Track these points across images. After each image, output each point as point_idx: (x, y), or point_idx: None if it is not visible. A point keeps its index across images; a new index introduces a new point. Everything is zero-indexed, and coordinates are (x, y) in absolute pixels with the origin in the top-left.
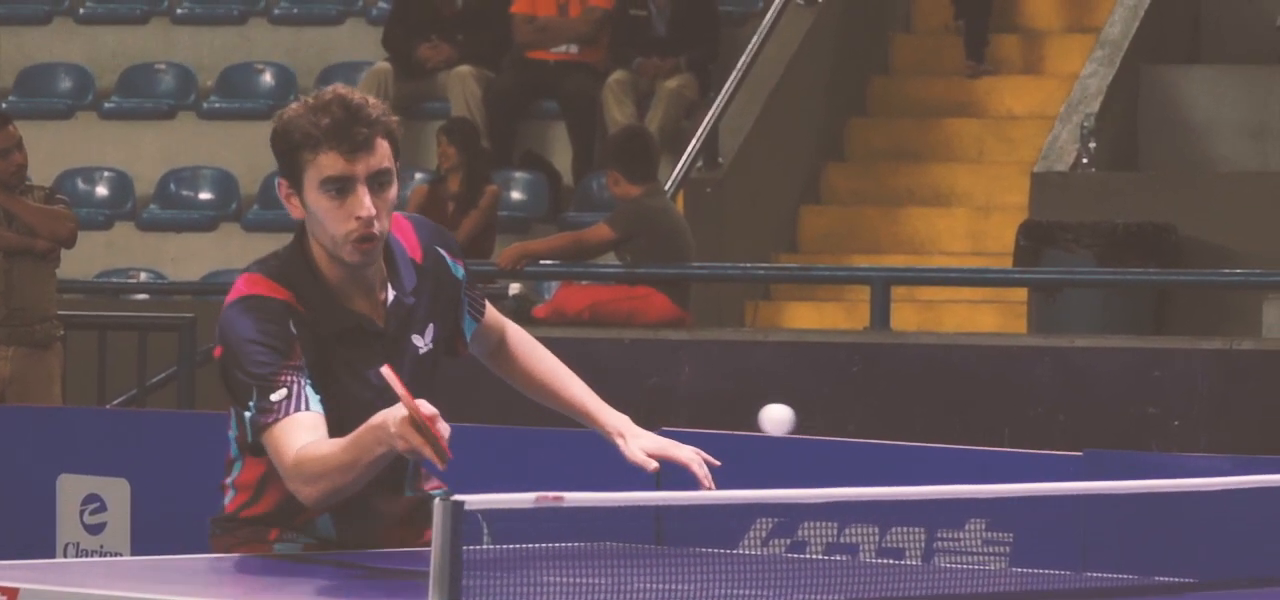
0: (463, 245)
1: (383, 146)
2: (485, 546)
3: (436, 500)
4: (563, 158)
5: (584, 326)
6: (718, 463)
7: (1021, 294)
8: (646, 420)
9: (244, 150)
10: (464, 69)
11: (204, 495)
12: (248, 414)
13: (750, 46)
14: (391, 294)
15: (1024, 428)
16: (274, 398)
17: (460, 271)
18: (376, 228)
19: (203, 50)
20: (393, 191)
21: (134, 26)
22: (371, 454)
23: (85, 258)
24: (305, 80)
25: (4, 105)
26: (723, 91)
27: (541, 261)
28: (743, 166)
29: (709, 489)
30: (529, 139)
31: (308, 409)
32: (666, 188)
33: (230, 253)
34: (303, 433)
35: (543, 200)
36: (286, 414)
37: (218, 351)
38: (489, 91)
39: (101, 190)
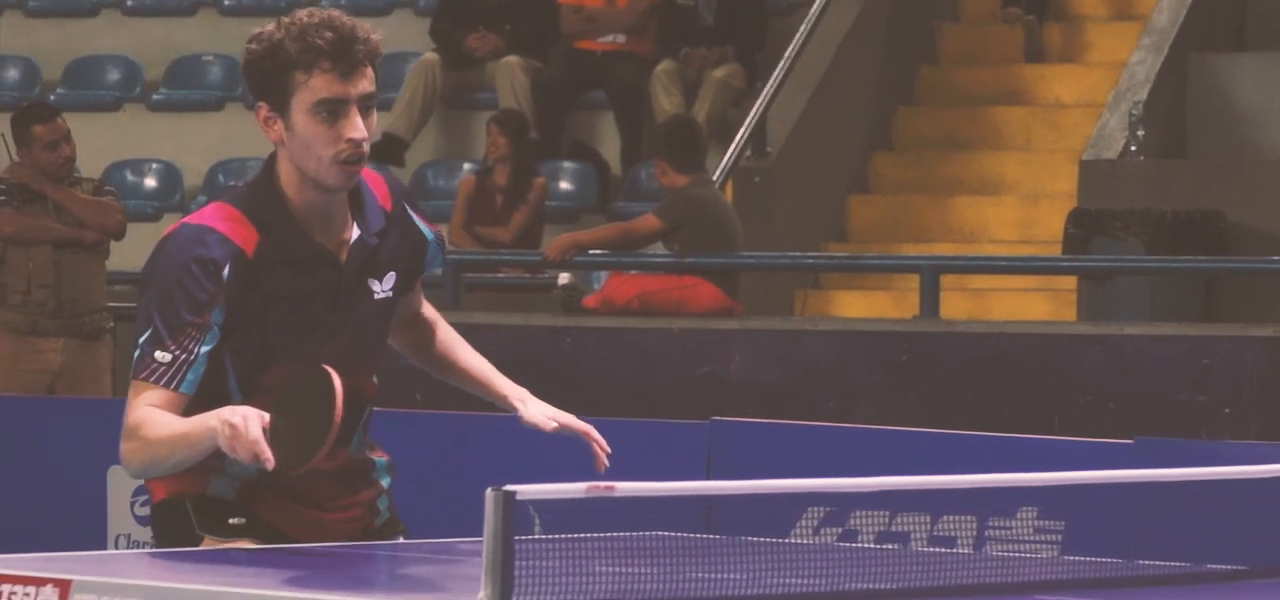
0: (513, 240)
1: (370, 71)
2: (536, 536)
3: (488, 491)
4: (611, 148)
5: (633, 316)
6: (609, 449)
7: (1070, 282)
8: (696, 409)
9: None
10: (512, 59)
11: None
12: (136, 350)
13: (798, 36)
14: (356, 232)
15: (1074, 416)
16: (159, 356)
17: (430, 235)
18: (365, 150)
19: None
20: (375, 118)
21: (181, 18)
22: (203, 429)
23: (134, 249)
24: None
25: (52, 98)
26: (770, 81)
27: (590, 252)
28: (791, 156)
29: (604, 466)
30: (577, 129)
31: (178, 388)
32: (715, 177)
33: None
34: (160, 404)
35: (591, 190)
36: (158, 380)
37: (164, 234)
38: (537, 82)
39: (150, 182)
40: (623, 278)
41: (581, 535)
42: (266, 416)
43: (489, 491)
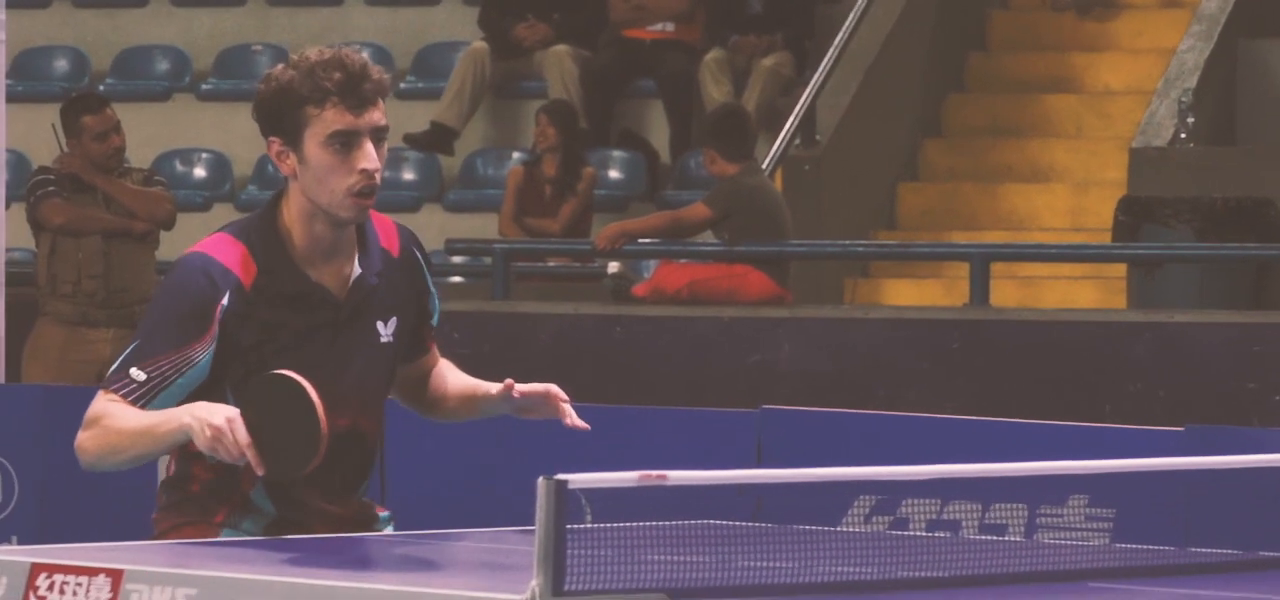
0: (562, 232)
1: (381, 103)
2: (587, 525)
3: (539, 480)
4: (660, 136)
5: (683, 305)
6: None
7: (1120, 270)
8: (747, 398)
9: None
10: (561, 48)
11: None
12: (116, 362)
13: (847, 23)
14: (357, 270)
15: (1124, 403)
16: (134, 373)
17: (434, 294)
18: (377, 180)
19: (299, 31)
20: (385, 150)
21: (230, 8)
22: (172, 424)
23: (183, 239)
24: (402, 61)
25: (101, 88)
26: (820, 69)
27: (639, 240)
28: (840, 144)
29: (575, 423)
30: (626, 117)
31: (143, 409)
32: (764, 166)
33: None
34: None
35: (640, 179)
36: (127, 395)
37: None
38: (586, 70)
39: (199, 172)
40: (672, 266)
41: (632, 524)
42: (226, 411)
43: (541, 480)
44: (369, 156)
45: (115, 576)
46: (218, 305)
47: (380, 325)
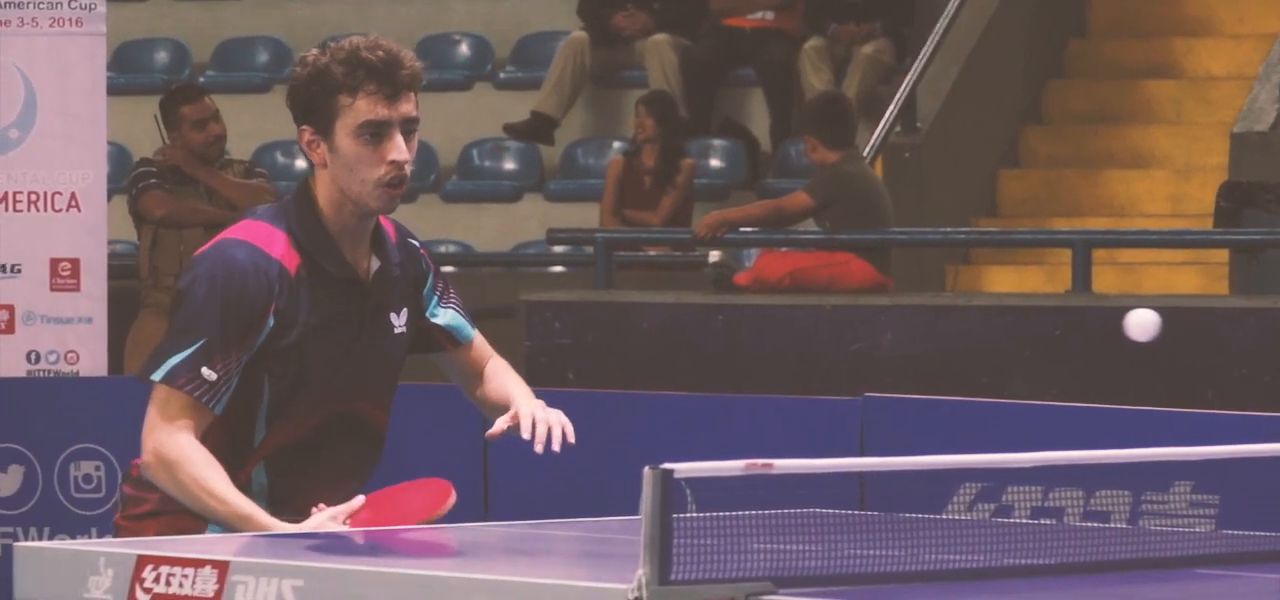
0: (662, 224)
1: (413, 96)
2: (691, 514)
3: (645, 470)
4: (760, 125)
5: (785, 293)
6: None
7: (1223, 255)
8: (849, 386)
9: (442, 122)
10: (660, 37)
11: (406, 469)
12: (178, 353)
13: (947, 10)
14: (376, 262)
15: (1228, 389)
16: (206, 373)
17: (427, 266)
18: (407, 172)
19: (399, 21)
20: (416, 143)
21: None
22: (235, 528)
23: None
24: (501, 50)
25: (201, 80)
26: (920, 56)
27: (740, 229)
28: (941, 131)
29: (539, 445)
30: (726, 106)
31: (214, 409)
32: (865, 153)
33: (430, 224)
34: (193, 424)
35: (741, 167)
36: (200, 396)
37: (196, 271)
38: (686, 59)
39: (300, 164)
40: (774, 255)
41: (737, 512)
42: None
43: (646, 470)
44: (399, 148)
45: (221, 567)
46: (274, 299)
47: (393, 316)
